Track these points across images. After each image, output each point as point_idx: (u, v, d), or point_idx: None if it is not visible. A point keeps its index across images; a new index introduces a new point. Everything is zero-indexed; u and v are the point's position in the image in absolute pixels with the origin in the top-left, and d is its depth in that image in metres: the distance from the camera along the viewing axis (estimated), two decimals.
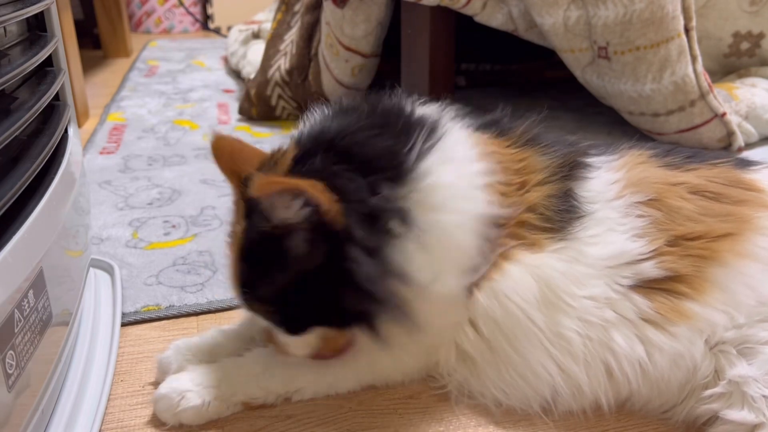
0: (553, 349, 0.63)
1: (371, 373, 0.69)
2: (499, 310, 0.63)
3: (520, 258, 0.64)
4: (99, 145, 1.51)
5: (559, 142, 0.72)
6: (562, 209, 0.66)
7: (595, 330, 0.62)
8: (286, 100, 1.67)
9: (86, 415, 0.64)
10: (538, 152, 0.70)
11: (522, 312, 0.63)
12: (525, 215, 0.66)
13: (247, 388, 0.66)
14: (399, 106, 0.67)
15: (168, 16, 3.23)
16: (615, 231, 0.64)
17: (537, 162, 0.69)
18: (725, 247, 0.62)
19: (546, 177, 0.68)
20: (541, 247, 0.65)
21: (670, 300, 0.62)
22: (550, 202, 0.66)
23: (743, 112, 1.42)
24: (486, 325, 0.64)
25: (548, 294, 0.63)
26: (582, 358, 0.63)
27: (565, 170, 0.68)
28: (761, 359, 0.59)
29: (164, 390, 0.64)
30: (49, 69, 0.70)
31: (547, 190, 0.67)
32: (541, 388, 0.64)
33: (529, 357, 0.63)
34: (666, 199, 0.65)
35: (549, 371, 0.63)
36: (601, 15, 1.25)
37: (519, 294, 0.63)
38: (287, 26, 1.74)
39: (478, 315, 0.65)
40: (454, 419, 0.66)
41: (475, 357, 0.65)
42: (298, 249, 0.57)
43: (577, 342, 0.62)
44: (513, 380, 0.64)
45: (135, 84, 2.11)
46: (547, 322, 0.63)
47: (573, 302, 0.63)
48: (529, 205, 0.66)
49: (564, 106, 1.70)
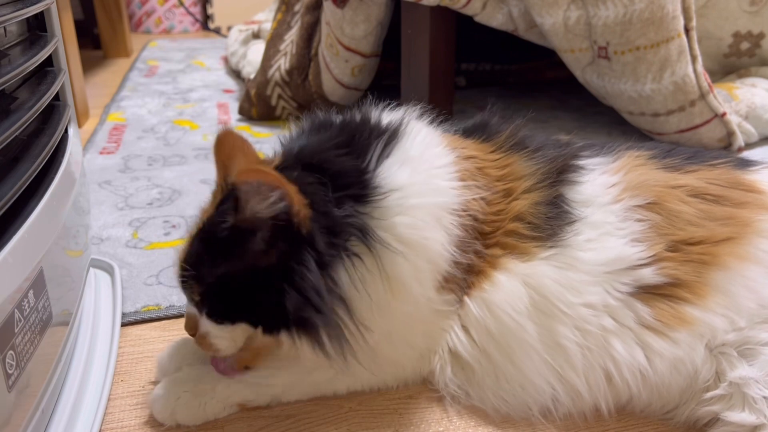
0: (550, 359, 0.62)
1: (353, 377, 0.68)
2: (491, 320, 0.63)
3: (510, 267, 0.64)
4: (99, 145, 1.51)
5: (547, 145, 0.71)
6: (551, 216, 0.65)
7: (594, 339, 0.61)
8: (286, 100, 1.67)
9: (86, 415, 0.64)
10: (523, 157, 0.69)
11: (514, 322, 0.62)
12: (512, 224, 0.65)
13: (242, 389, 0.65)
14: (364, 119, 0.67)
15: (168, 16, 3.23)
16: (613, 235, 0.63)
17: (522, 168, 0.68)
18: (726, 251, 0.62)
19: (533, 184, 0.67)
20: (531, 255, 0.64)
21: (670, 306, 0.61)
22: (538, 209, 0.65)
23: (743, 112, 1.42)
24: (479, 335, 0.64)
25: (541, 302, 0.62)
26: (581, 367, 0.62)
27: (554, 175, 0.67)
28: (762, 360, 0.59)
29: (160, 390, 0.64)
30: (49, 69, 0.70)
31: (534, 197, 0.66)
32: (540, 398, 0.63)
33: (525, 368, 0.63)
34: (666, 203, 0.64)
35: (548, 381, 0.63)
36: (601, 15, 1.25)
37: (510, 304, 0.63)
38: (287, 26, 1.74)
39: (470, 325, 0.65)
40: (454, 419, 0.66)
41: (472, 364, 0.65)
42: (257, 246, 0.58)
43: (575, 351, 0.62)
44: (512, 389, 0.64)
45: (135, 84, 2.11)
46: (541, 332, 0.62)
47: (568, 310, 0.62)
48: (517, 213, 0.65)
49: (564, 106, 1.70)
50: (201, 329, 0.62)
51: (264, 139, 1.55)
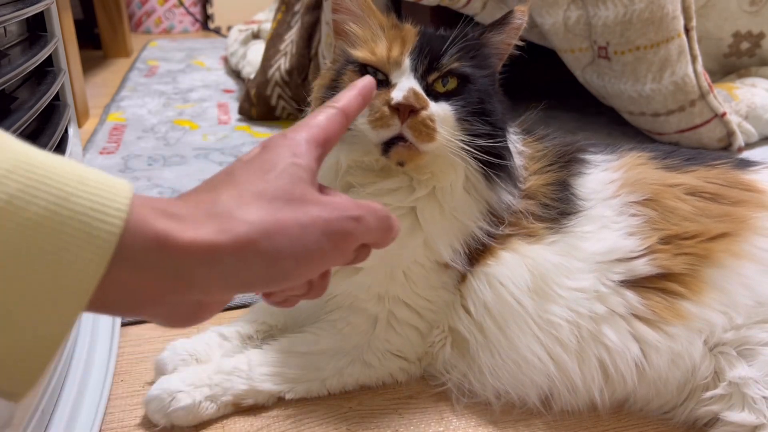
0: (542, 335, 0.63)
1: (363, 365, 0.69)
2: (490, 294, 0.65)
3: (517, 248, 0.66)
4: (99, 145, 1.51)
5: (554, 136, 0.74)
6: (560, 198, 0.67)
7: (584, 320, 0.63)
8: (286, 100, 1.67)
9: (86, 415, 0.64)
10: (535, 140, 0.72)
11: (512, 298, 0.64)
12: (524, 202, 0.67)
13: (236, 388, 0.65)
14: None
15: (168, 16, 3.23)
16: (609, 228, 0.65)
17: (533, 149, 0.71)
18: (721, 248, 0.63)
19: (544, 166, 0.70)
20: (539, 238, 0.66)
21: (665, 300, 0.62)
22: (548, 189, 0.68)
23: (743, 112, 1.42)
24: (476, 309, 0.65)
25: (540, 284, 0.64)
26: (573, 348, 0.63)
27: (563, 161, 0.70)
28: (761, 360, 0.59)
29: (156, 391, 0.64)
30: (49, 69, 0.70)
31: (545, 179, 0.69)
32: (533, 375, 0.64)
33: (518, 342, 0.64)
34: (662, 200, 0.66)
35: (539, 357, 0.64)
36: (601, 15, 1.25)
37: (512, 280, 0.64)
38: (287, 26, 1.74)
39: (469, 298, 0.66)
40: (454, 419, 0.66)
41: (468, 338, 0.66)
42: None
43: (566, 329, 0.63)
44: (505, 364, 0.65)
45: (135, 84, 2.11)
46: (536, 309, 0.64)
47: (562, 292, 0.64)
48: (528, 192, 0.68)
49: (564, 106, 1.70)
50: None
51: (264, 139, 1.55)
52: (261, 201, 0.37)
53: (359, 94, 0.48)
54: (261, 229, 0.36)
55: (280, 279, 0.37)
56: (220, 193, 0.37)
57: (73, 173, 0.31)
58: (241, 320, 0.75)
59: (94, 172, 0.32)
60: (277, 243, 0.36)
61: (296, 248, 0.37)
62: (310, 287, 0.43)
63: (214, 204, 0.36)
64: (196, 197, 0.38)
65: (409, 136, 0.60)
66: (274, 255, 0.36)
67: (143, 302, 0.34)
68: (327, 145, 0.44)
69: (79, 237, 0.30)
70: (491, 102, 0.65)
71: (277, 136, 0.42)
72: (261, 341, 0.73)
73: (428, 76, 0.63)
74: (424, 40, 0.64)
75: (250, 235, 0.35)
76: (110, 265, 0.31)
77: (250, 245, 0.35)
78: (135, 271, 0.32)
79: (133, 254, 0.32)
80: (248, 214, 0.36)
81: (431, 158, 0.63)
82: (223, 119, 1.73)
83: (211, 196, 0.37)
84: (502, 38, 0.68)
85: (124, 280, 0.32)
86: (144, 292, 0.33)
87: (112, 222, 0.30)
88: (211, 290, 0.35)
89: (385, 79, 0.63)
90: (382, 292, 0.67)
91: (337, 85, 0.66)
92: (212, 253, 0.34)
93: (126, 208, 0.31)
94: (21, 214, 0.29)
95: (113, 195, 0.31)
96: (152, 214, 0.33)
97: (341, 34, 0.70)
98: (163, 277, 0.33)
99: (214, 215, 0.35)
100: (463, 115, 0.63)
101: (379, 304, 0.67)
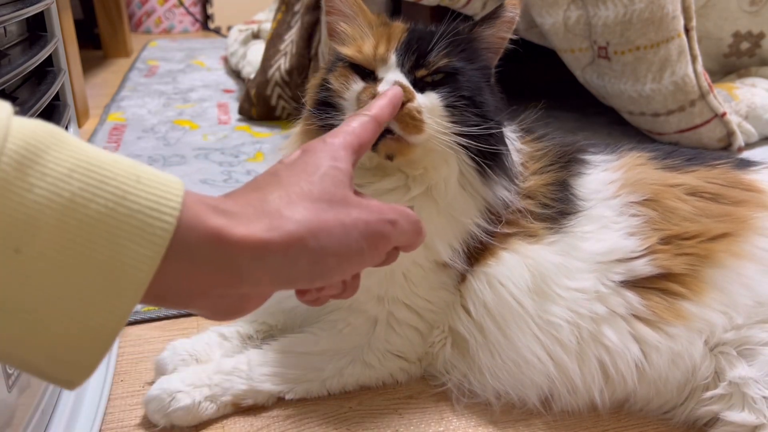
0: (542, 335, 0.63)
1: (362, 366, 0.69)
2: (490, 294, 0.65)
3: (517, 248, 0.66)
4: (99, 145, 1.51)
5: (554, 135, 0.74)
6: (560, 198, 0.67)
7: (585, 321, 0.63)
8: (286, 100, 1.67)
9: (86, 415, 0.64)
10: (535, 140, 0.72)
11: (512, 297, 0.64)
12: (523, 201, 0.67)
13: (236, 388, 0.65)
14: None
15: (168, 16, 3.23)
16: (609, 228, 0.65)
17: (534, 148, 0.71)
18: (721, 248, 0.63)
19: (544, 166, 0.70)
20: (539, 238, 0.66)
21: (665, 300, 0.62)
22: (548, 189, 0.68)
23: (743, 112, 1.42)
24: (476, 309, 0.65)
25: (540, 284, 0.64)
26: (573, 348, 0.63)
27: (563, 161, 0.70)
28: (761, 360, 0.59)
29: (155, 391, 0.64)
30: (49, 69, 0.70)
31: (545, 179, 0.69)
32: (533, 376, 0.64)
33: (518, 343, 0.64)
34: (662, 200, 0.66)
35: (539, 358, 0.63)
36: (601, 15, 1.25)
37: (512, 280, 0.64)
38: (287, 26, 1.74)
39: (469, 298, 0.66)
40: (454, 419, 0.66)
41: (468, 339, 0.66)
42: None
43: (566, 330, 0.63)
44: (505, 365, 0.65)
45: (135, 84, 2.11)
46: (536, 309, 0.64)
47: (562, 293, 0.64)
48: (528, 192, 0.68)
49: (564, 106, 1.69)
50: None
51: (264, 139, 1.55)
52: (306, 201, 0.39)
53: (389, 102, 0.51)
54: (308, 227, 0.38)
55: (323, 276, 0.39)
56: (267, 192, 0.39)
57: (129, 171, 0.32)
58: (241, 320, 0.75)
59: (148, 170, 0.33)
60: (323, 241, 0.38)
61: (339, 247, 0.39)
62: (344, 287, 0.45)
63: (263, 202, 0.38)
64: (245, 195, 0.39)
65: (396, 128, 0.60)
66: (319, 253, 0.38)
67: (195, 295, 0.36)
68: (361, 150, 0.46)
69: (135, 233, 0.31)
70: (482, 94, 0.65)
71: (316, 141, 0.45)
72: (261, 341, 0.73)
73: (416, 71, 0.63)
74: (412, 36, 0.64)
75: (299, 233, 0.37)
76: (165, 259, 0.32)
77: (298, 242, 0.37)
78: (189, 264, 0.34)
79: (188, 249, 0.33)
80: (296, 213, 0.38)
81: (423, 152, 0.63)
82: (223, 119, 1.73)
83: (258, 195, 0.39)
84: (494, 32, 0.68)
85: (178, 273, 0.34)
86: (196, 285, 0.35)
87: (166, 219, 0.32)
88: (260, 284, 0.37)
89: (372, 74, 0.64)
90: (381, 294, 0.67)
91: (327, 83, 0.66)
92: (263, 249, 0.36)
93: (179, 206, 0.33)
94: (82, 211, 0.30)
95: (167, 192, 0.33)
96: (205, 210, 0.35)
97: (334, 34, 0.70)
98: (216, 270, 0.35)
99: (263, 213, 0.37)
100: (450, 103, 0.62)
101: (379, 305, 0.67)
